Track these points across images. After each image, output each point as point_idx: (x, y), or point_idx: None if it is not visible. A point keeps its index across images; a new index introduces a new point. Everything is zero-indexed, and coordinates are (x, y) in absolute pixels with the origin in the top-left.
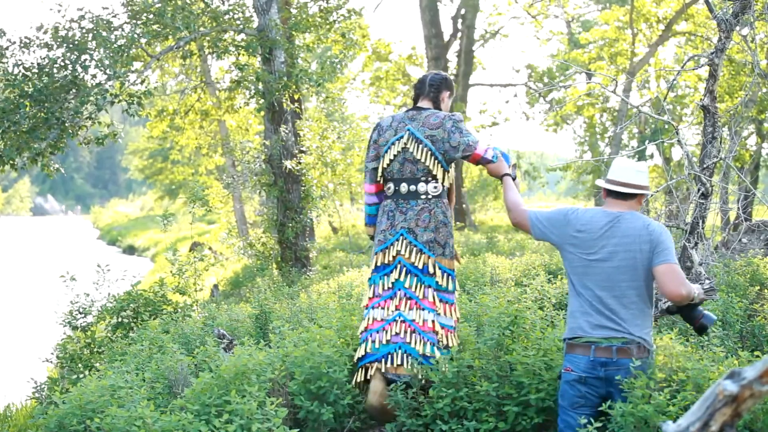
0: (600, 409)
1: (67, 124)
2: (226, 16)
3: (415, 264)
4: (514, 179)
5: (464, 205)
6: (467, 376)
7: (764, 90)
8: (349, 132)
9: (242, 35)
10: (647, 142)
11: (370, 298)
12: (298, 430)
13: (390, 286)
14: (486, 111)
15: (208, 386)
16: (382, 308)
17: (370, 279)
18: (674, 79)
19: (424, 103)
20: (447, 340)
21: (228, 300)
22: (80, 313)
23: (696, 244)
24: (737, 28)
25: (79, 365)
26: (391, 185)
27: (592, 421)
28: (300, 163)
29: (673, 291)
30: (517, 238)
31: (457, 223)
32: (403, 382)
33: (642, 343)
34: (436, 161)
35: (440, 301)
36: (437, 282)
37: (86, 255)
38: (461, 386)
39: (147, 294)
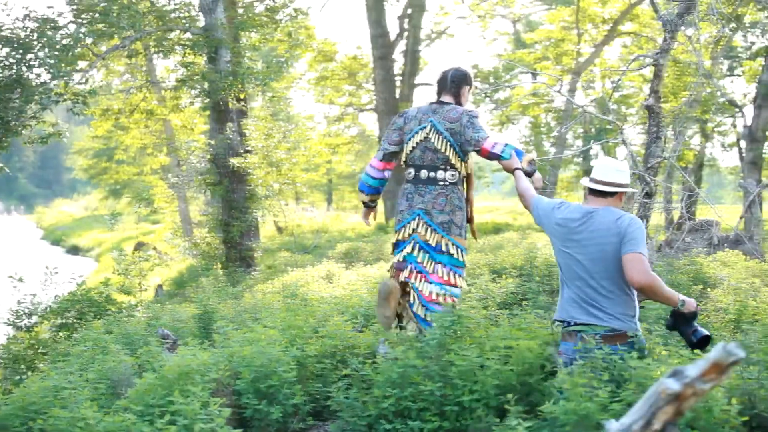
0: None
1: (11, 124)
2: (172, 15)
3: (429, 242)
4: (532, 173)
5: None
6: (411, 375)
7: (708, 90)
8: (294, 131)
9: (188, 34)
10: (592, 141)
11: (392, 267)
12: (243, 430)
13: (401, 259)
14: None
15: (151, 387)
16: (393, 278)
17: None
18: (619, 79)
19: (446, 98)
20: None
21: (172, 300)
22: (25, 314)
23: None
24: (682, 28)
25: (22, 366)
26: (411, 170)
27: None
28: (245, 162)
29: (635, 278)
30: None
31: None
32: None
33: (624, 329)
34: (454, 152)
35: (456, 274)
36: (453, 257)
37: (30, 255)
38: (406, 386)
39: (91, 294)
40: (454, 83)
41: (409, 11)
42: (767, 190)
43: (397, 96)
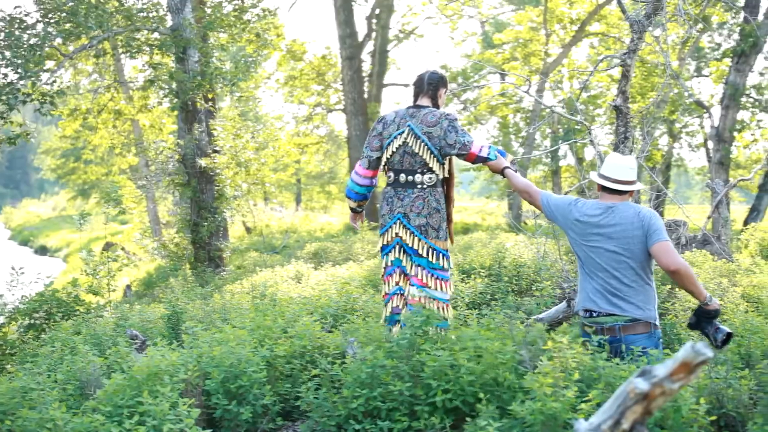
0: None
1: None
2: (140, 15)
3: (410, 245)
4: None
5: (378, 205)
6: (381, 375)
7: (676, 91)
8: (263, 131)
9: (156, 34)
10: (560, 142)
11: (382, 275)
12: (212, 430)
13: (389, 264)
14: None
15: (120, 387)
16: (386, 283)
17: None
18: (587, 80)
19: (423, 101)
20: (444, 312)
21: (141, 301)
22: None
23: None
24: (649, 29)
25: None
26: (391, 174)
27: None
28: (214, 162)
29: (669, 263)
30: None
31: (371, 222)
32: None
33: (645, 318)
34: (432, 155)
35: (435, 278)
36: (430, 261)
37: None
38: (375, 386)
39: (60, 295)
40: (431, 86)
41: (378, 11)
42: (735, 191)
43: (366, 96)
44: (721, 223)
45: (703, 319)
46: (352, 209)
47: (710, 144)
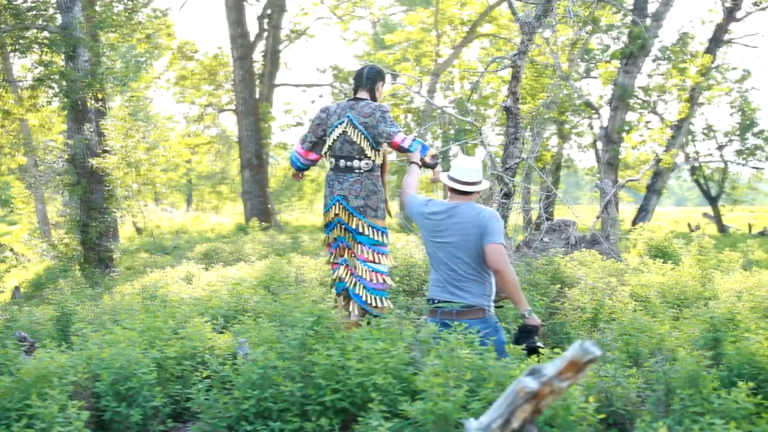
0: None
1: None
2: (29, 13)
3: (350, 224)
4: (434, 166)
5: (269, 205)
6: (272, 376)
7: (565, 92)
8: (153, 131)
9: (45, 33)
10: (451, 142)
11: (327, 245)
12: None
13: (333, 239)
14: (291, 111)
15: (8, 390)
16: (332, 254)
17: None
18: (478, 81)
19: (362, 94)
20: (384, 282)
21: (29, 302)
22: None
23: None
24: (539, 30)
25: None
26: (333, 160)
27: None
28: (104, 162)
29: (495, 264)
30: (321, 238)
31: (262, 223)
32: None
33: (479, 305)
34: (368, 143)
35: (376, 252)
36: (371, 238)
37: None
38: (266, 387)
39: None
40: (369, 80)
41: (269, 11)
42: (623, 191)
43: (257, 96)
44: (610, 223)
45: (522, 333)
46: (292, 175)
47: (599, 145)
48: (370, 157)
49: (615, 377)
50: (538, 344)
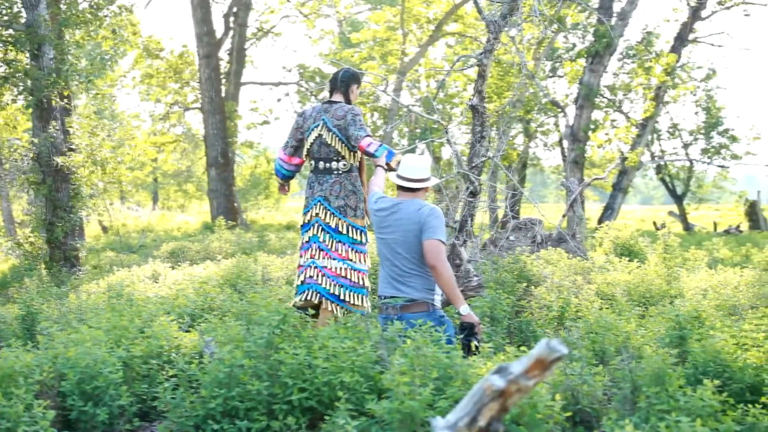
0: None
1: None
2: None
3: (329, 224)
4: (394, 170)
5: (236, 204)
6: (239, 375)
7: (531, 90)
8: (119, 130)
9: (10, 30)
10: (417, 140)
11: (300, 246)
12: None
13: (306, 240)
14: (257, 110)
15: None
16: (301, 257)
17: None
18: (444, 79)
19: (336, 97)
20: (363, 281)
21: None
22: None
23: (465, 241)
24: (505, 29)
25: None
26: (312, 162)
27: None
28: (70, 160)
29: (430, 261)
30: (288, 236)
31: (228, 221)
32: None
33: (422, 299)
34: (343, 145)
35: (355, 252)
36: (351, 237)
37: None
38: (233, 386)
39: None
40: (343, 83)
41: (235, 9)
42: (589, 189)
43: (223, 95)
44: (576, 222)
45: (461, 330)
46: (280, 184)
47: (565, 143)
48: (346, 159)
49: (581, 375)
50: (475, 341)
